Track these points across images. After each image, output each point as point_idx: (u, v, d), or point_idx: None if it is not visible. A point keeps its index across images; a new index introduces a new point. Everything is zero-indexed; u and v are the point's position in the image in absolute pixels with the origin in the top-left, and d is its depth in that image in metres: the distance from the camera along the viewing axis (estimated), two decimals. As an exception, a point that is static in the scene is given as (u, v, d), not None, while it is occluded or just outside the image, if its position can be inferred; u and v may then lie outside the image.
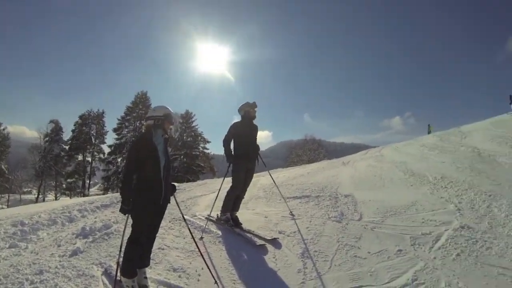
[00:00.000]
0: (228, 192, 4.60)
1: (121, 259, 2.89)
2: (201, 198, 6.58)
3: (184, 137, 35.12)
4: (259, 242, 3.98)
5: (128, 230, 2.92)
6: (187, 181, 19.07)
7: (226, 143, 4.59)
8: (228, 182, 4.77)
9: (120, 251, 2.90)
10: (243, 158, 4.55)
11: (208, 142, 35.66)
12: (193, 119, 36.30)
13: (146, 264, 3.08)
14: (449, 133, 12.76)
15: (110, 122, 46.76)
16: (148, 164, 2.87)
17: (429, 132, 19.29)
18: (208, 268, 3.14)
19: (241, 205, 4.95)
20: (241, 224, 4.53)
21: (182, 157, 33.64)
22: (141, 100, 35.88)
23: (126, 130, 35.01)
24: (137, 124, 34.52)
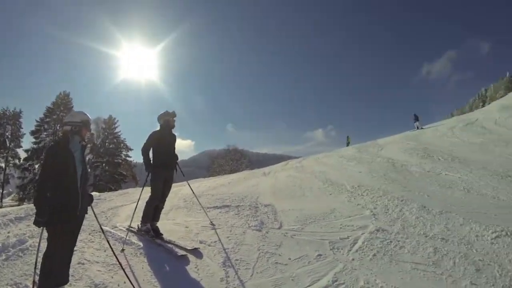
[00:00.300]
0: (147, 202, 5.08)
1: (37, 277, 3.03)
2: (122, 208, 7.21)
3: (107, 144, 36.94)
4: (181, 252, 4.39)
5: (44, 245, 3.08)
6: (109, 190, 20.04)
7: (144, 152, 5.13)
8: (147, 192, 5.21)
9: (36, 268, 3.06)
10: (162, 167, 5.13)
11: (131, 149, 38.06)
12: (116, 125, 38.45)
13: (65, 281, 3.28)
14: (367, 145, 15.26)
15: (28, 124, 51.12)
16: (64, 173, 3.09)
17: (348, 144, 22.68)
18: (130, 281, 3.40)
19: (162, 215, 5.43)
20: (162, 234, 5.00)
21: (104, 164, 35.47)
22: (63, 102, 36.73)
23: (45, 133, 35.37)
24: (57, 128, 34.97)
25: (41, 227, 3.05)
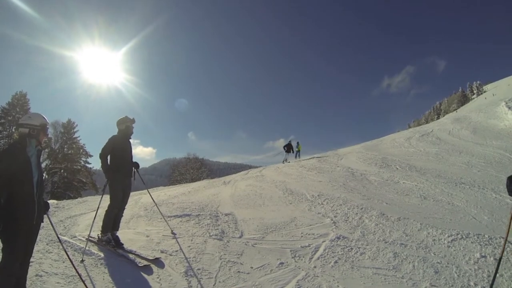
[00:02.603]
0: (107, 211, 5.06)
1: None
2: (81, 217, 7.18)
3: (65, 149, 36.22)
4: (142, 263, 4.40)
5: None
6: (67, 198, 19.61)
7: (103, 157, 5.09)
8: (107, 200, 5.19)
9: None
10: (120, 174, 5.13)
11: (90, 156, 37.58)
12: (75, 130, 37.76)
13: None
14: (327, 156, 15.93)
15: None
16: (20, 179, 3.02)
17: (297, 153, 22.62)
18: (90, 294, 3.28)
19: (122, 224, 5.45)
20: (123, 244, 4.99)
21: (62, 171, 34.64)
22: (19, 102, 35.38)
23: (0, 135, 34.03)
24: (13, 130, 33.06)
25: None
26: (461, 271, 4.02)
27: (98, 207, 5.41)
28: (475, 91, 63.05)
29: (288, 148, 20.48)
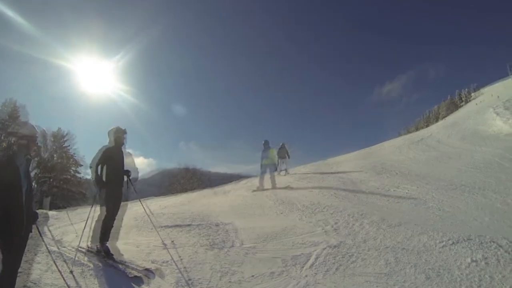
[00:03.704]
0: (104, 222, 5.18)
1: None
2: (71, 227, 7.19)
3: (55, 158, 36.10)
4: (133, 273, 4.43)
5: None
6: (57, 208, 19.62)
7: (96, 167, 5.19)
8: (97, 210, 5.41)
9: None
10: (113, 184, 5.18)
11: (80, 165, 37.49)
12: (65, 139, 37.77)
13: None
14: (319, 164, 16.02)
15: None
16: (8, 188, 3.00)
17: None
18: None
19: (113, 235, 5.44)
20: (113, 254, 5.02)
21: (51, 180, 34.47)
22: (9, 111, 34.65)
23: None
24: (1, 138, 31.64)
25: None
26: (453, 276, 4.02)
27: (88, 217, 5.40)
28: (463, 98, 64.33)
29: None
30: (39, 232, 3.67)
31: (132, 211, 8.24)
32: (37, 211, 3.77)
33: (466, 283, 3.83)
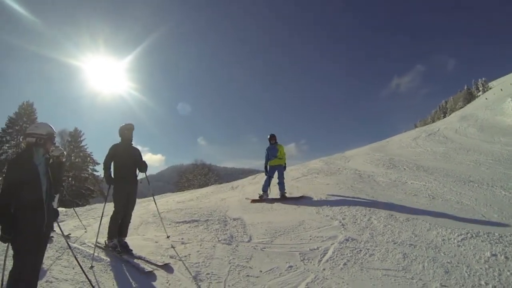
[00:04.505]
0: (111, 217, 5.24)
1: None
2: (90, 224, 7.58)
3: (72, 158, 37.19)
4: (148, 268, 4.47)
5: (10, 263, 3.07)
6: (76, 206, 19.68)
7: (105, 165, 5.29)
8: (111, 207, 5.37)
9: (2, 287, 3.08)
10: (122, 181, 5.27)
11: (98, 164, 38.26)
12: (82, 138, 38.75)
13: None
14: (334, 158, 15.84)
15: None
16: (29, 187, 3.09)
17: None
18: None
19: (131, 231, 5.59)
20: (132, 250, 5.13)
21: (70, 179, 35.49)
22: (26, 112, 36.34)
23: (7, 145, 35.39)
24: (20, 139, 34.94)
25: (7, 244, 3.07)
26: (472, 270, 3.96)
27: (102, 214, 5.59)
28: (480, 88, 62.42)
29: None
30: (60, 229, 3.76)
31: (150, 208, 8.42)
32: (57, 209, 3.90)
33: (485, 278, 3.77)
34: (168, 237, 5.74)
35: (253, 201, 8.54)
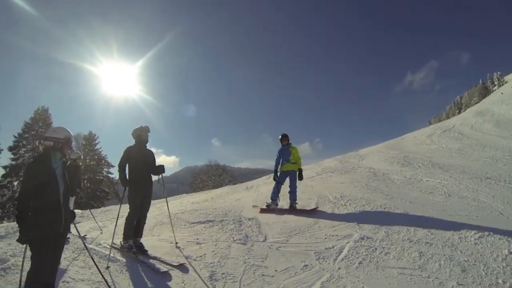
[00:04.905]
0: (127, 219, 5.30)
1: None
2: (105, 225, 7.69)
3: (87, 161, 37.78)
4: (163, 269, 4.51)
5: (28, 263, 3.12)
6: (91, 208, 20.00)
7: (120, 167, 5.33)
8: (127, 208, 5.42)
9: (20, 287, 3.15)
10: (136, 182, 5.32)
11: (112, 166, 38.78)
12: (96, 141, 39.36)
13: None
14: (348, 156, 15.74)
15: (5, 139, 51.92)
16: (46, 190, 3.15)
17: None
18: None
19: (146, 231, 5.66)
20: (147, 251, 5.18)
21: (85, 181, 35.76)
22: (41, 117, 36.83)
23: (24, 149, 35.55)
24: (36, 144, 35.41)
25: (25, 245, 3.15)
26: (489, 268, 3.90)
27: (118, 215, 5.67)
28: (496, 82, 60.92)
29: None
30: (77, 230, 3.84)
31: (165, 209, 8.44)
32: (74, 211, 3.98)
33: (503, 276, 3.72)
34: (176, 243, 5.68)
35: (262, 210, 7.80)
